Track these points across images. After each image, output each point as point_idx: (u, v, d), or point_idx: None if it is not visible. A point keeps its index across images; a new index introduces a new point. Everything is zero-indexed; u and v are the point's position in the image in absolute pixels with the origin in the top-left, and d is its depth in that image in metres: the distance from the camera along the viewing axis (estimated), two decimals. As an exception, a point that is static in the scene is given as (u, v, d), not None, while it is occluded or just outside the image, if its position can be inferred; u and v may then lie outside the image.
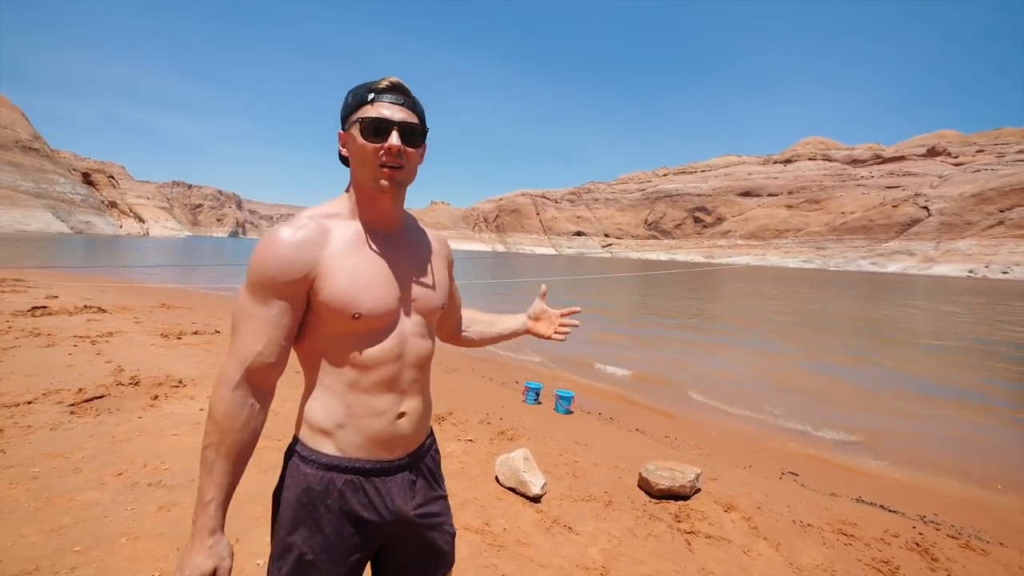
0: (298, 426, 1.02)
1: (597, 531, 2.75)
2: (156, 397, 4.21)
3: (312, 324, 0.96)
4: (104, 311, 8.39)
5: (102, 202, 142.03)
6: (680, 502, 3.18)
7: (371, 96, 0.94)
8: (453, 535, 1.16)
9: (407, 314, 1.03)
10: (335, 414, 0.97)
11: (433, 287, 1.08)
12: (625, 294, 23.58)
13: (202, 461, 0.91)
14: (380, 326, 0.97)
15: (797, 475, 4.12)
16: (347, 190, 1.04)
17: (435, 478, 1.14)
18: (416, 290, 1.05)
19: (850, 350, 11.04)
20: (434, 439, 1.19)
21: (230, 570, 0.90)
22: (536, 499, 3.03)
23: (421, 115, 0.99)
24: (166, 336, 6.73)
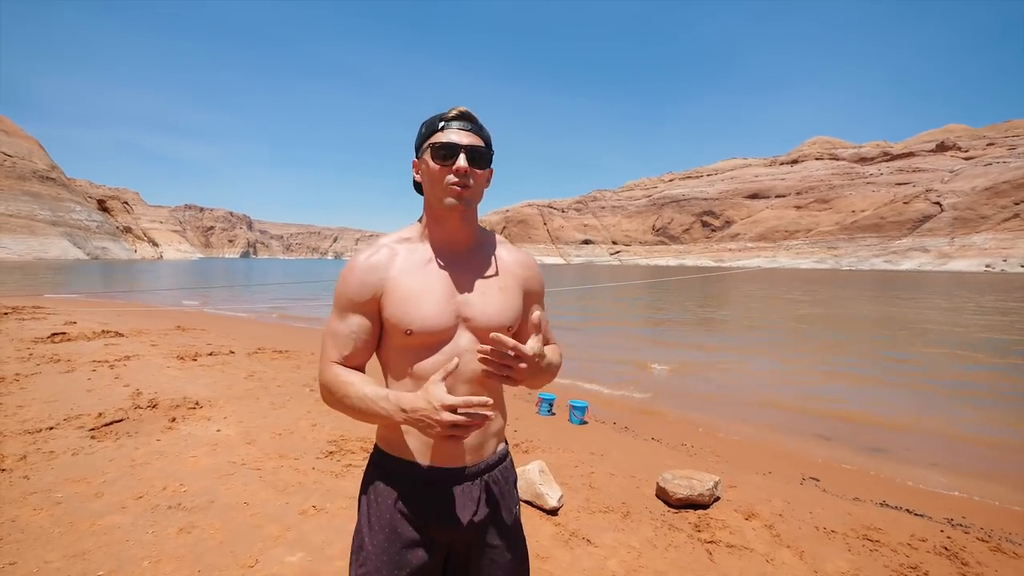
0: (379, 430, 1.12)
1: (616, 543, 2.72)
2: (174, 419, 4.26)
3: (383, 337, 1.08)
4: (121, 335, 8.53)
5: (117, 228, 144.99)
6: (699, 511, 3.13)
7: (441, 124, 1.03)
8: (520, 560, 1.13)
9: (464, 331, 1.06)
10: None
11: (492, 306, 1.08)
12: (636, 301, 23.49)
13: (356, 410, 0.99)
14: (433, 342, 1.03)
15: (818, 480, 4.04)
16: (421, 215, 1.13)
17: (503, 497, 1.13)
18: (475, 308, 1.06)
19: (868, 353, 10.86)
20: (507, 457, 1.18)
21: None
22: (553, 512, 3.01)
23: (487, 140, 1.08)
24: (182, 358, 6.82)
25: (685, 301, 23.53)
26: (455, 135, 1.02)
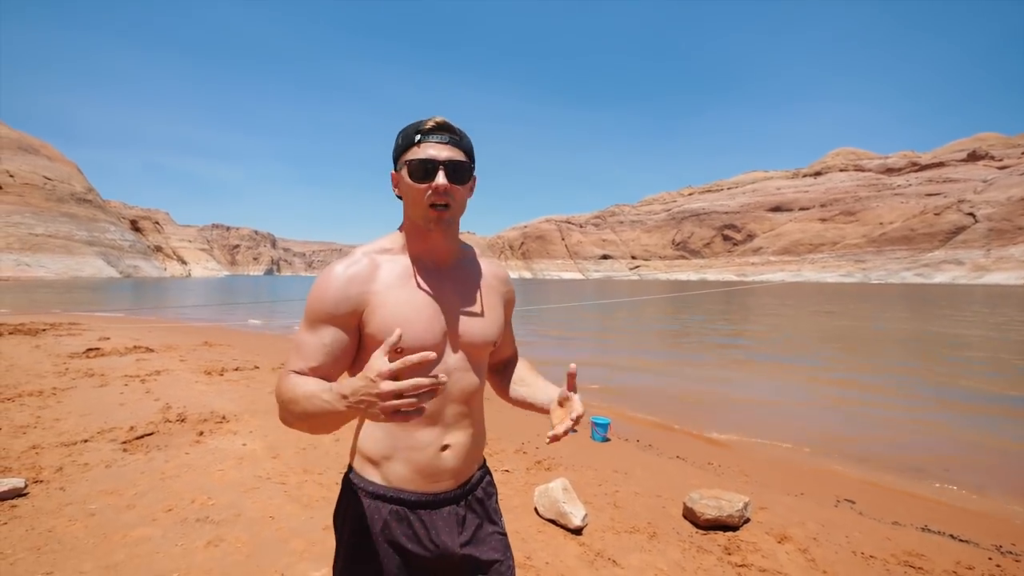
0: (352, 454, 1.07)
1: (643, 564, 2.65)
2: (201, 433, 4.35)
3: (361, 354, 1.00)
4: (152, 350, 8.78)
5: (148, 247, 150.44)
6: (729, 533, 3.03)
7: (418, 137, 0.96)
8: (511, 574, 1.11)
9: (452, 349, 1.03)
10: (381, 445, 1.01)
11: (479, 323, 1.06)
12: (657, 317, 23.17)
13: (306, 414, 0.87)
14: None
15: (854, 502, 3.87)
16: (401, 225, 1.07)
17: (487, 514, 1.11)
18: (462, 325, 1.04)
19: (903, 369, 10.47)
20: (487, 473, 1.17)
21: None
22: (578, 531, 2.95)
23: (468, 150, 1.01)
24: (209, 373, 6.98)
25: (708, 315, 23.11)
26: (433, 149, 0.95)
